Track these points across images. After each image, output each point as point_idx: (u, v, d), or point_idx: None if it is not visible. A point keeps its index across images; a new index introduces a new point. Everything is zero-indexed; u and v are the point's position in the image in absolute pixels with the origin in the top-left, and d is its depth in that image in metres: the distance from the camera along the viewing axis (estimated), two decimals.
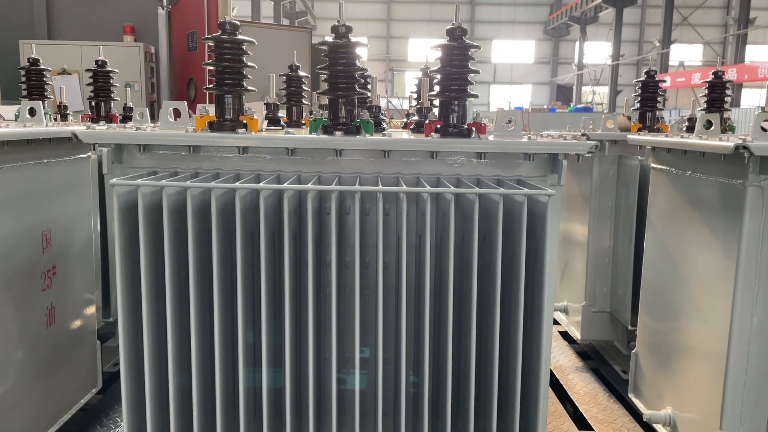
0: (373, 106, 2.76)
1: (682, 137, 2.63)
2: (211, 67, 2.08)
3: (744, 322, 2.20)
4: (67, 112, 3.79)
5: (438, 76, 2.12)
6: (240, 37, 2.07)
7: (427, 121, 2.16)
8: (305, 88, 3.33)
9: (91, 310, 2.93)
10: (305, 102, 3.35)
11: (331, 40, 2.07)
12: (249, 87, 2.11)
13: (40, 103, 2.64)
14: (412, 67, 31.51)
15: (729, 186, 2.23)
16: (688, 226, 2.55)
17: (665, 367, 2.73)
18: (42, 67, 3.42)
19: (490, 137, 2.09)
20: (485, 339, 2.01)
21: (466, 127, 2.09)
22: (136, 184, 1.82)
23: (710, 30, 31.44)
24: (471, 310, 1.94)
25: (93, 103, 3.68)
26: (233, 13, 2.09)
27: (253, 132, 2.10)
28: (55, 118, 3.40)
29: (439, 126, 2.10)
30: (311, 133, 2.14)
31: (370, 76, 2.82)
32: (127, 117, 3.93)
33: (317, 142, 2.05)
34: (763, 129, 2.13)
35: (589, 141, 2.04)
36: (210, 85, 2.11)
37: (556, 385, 3.59)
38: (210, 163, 2.11)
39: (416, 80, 3.15)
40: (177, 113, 2.08)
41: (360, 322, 1.95)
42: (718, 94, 3.58)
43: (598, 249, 3.75)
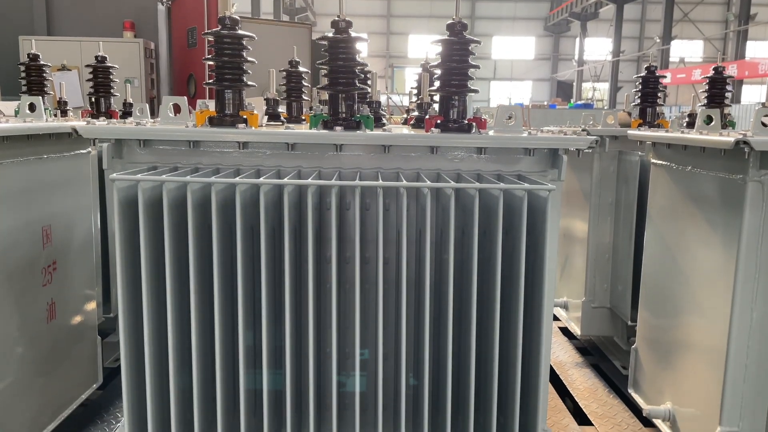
0: (373, 102, 2.76)
1: (682, 133, 2.62)
2: (211, 62, 2.08)
3: (744, 317, 2.20)
4: (67, 108, 3.78)
5: (438, 71, 2.12)
6: (240, 32, 2.06)
7: (427, 117, 2.16)
8: (305, 84, 3.33)
9: (91, 305, 2.93)
10: (305, 98, 3.34)
11: (331, 35, 2.06)
12: (249, 82, 2.11)
13: (40, 98, 2.64)
14: (412, 64, 31.42)
15: (729, 181, 2.23)
16: (688, 221, 2.55)
17: (665, 363, 2.73)
18: (42, 62, 3.40)
19: (491, 132, 2.09)
20: (485, 335, 2.02)
21: (467, 122, 2.09)
22: (137, 179, 1.82)
23: (711, 26, 31.42)
24: (471, 306, 1.94)
25: (93, 99, 3.67)
26: (233, 9, 2.09)
27: (253, 127, 2.10)
28: (54, 114, 3.40)
29: (439, 121, 2.10)
30: (311, 128, 2.14)
31: (370, 71, 2.82)
32: (127, 113, 3.93)
33: (317, 137, 2.05)
34: (764, 124, 2.12)
35: (589, 136, 2.04)
36: (210, 80, 2.11)
37: (556, 380, 3.59)
38: (210, 158, 2.11)
39: (416, 76, 3.14)
40: (177, 109, 2.08)
41: (360, 318, 1.96)
42: (718, 89, 3.57)
43: (598, 245, 3.75)
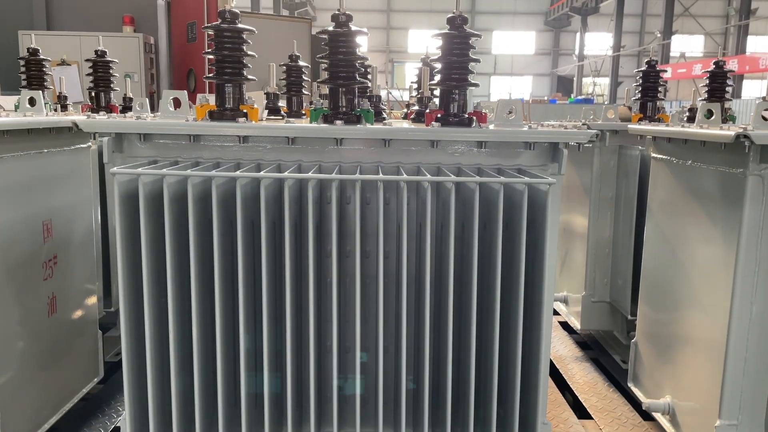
0: (373, 96, 2.75)
1: (682, 127, 2.62)
2: (211, 56, 2.07)
3: (743, 311, 2.21)
4: (67, 102, 3.78)
5: (438, 65, 2.11)
6: (240, 25, 2.06)
7: (427, 111, 2.16)
8: (305, 79, 3.32)
9: (92, 300, 2.94)
10: (305, 92, 3.34)
11: (331, 28, 2.06)
12: (249, 76, 2.11)
13: (40, 93, 2.63)
14: (412, 59, 31.37)
15: (729, 175, 2.23)
16: (688, 215, 2.55)
17: (664, 357, 2.74)
18: (41, 57, 3.40)
19: (491, 126, 2.09)
20: (485, 329, 2.02)
21: (467, 116, 2.09)
22: (137, 172, 1.83)
23: (711, 21, 31.33)
24: (471, 300, 1.94)
25: (93, 94, 3.66)
26: (233, 3, 2.08)
27: (253, 121, 2.10)
28: (54, 108, 3.40)
29: (439, 115, 2.10)
30: (311, 122, 2.14)
31: (370, 65, 2.82)
32: (126, 108, 3.92)
33: (318, 131, 2.05)
34: (764, 118, 2.12)
35: (589, 130, 2.04)
36: (210, 74, 2.10)
37: (555, 374, 3.60)
38: (210, 152, 2.11)
39: (416, 70, 3.14)
40: (177, 103, 2.08)
41: (360, 312, 1.96)
42: (719, 83, 3.57)
43: (598, 239, 3.75)
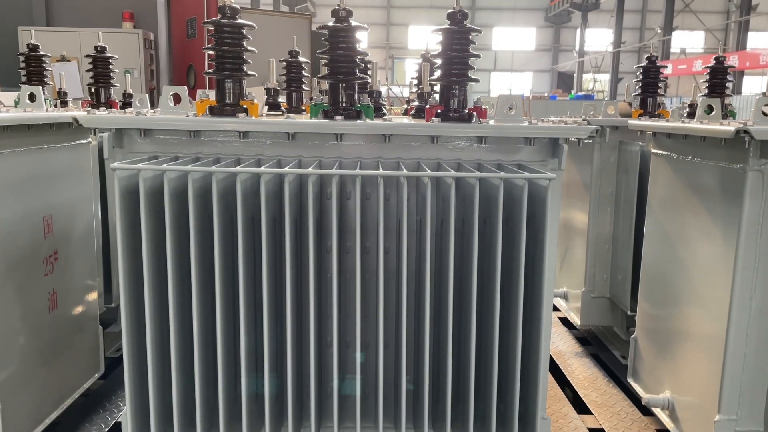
0: (373, 92, 2.75)
1: (683, 122, 2.62)
2: (211, 52, 2.07)
3: (743, 306, 2.21)
4: (67, 98, 3.77)
5: (439, 60, 2.11)
6: (240, 21, 2.06)
7: (427, 106, 2.16)
8: (305, 74, 3.32)
9: (93, 295, 2.94)
10: (305, 88, 3.34)
11: (331, 24, 2.06)
12: (249, 72, 2.11)
13: (40, 88, 2.63)
14: (412, 55, 31.30)
15: (729, 171, 2.23)
16: (688, 211, 2.55)
17: (664, 352, 2.74)
18: (41, 53, 3.39)
19: (491, 122, 2.09)
20: (485, 324, 2.02)
21: (467, 111, 2.09)
22: (137, 168, 1.83)
23: (712, 17, 31.26)
24: (471, 295, 1.95)
25: (93, 90, 3.66)
26: None
27: (253, 117, 2.10)
28: (54, 104, 3.39)
29: (439, 111, 2.09)
30: (312, 117, 2.13)
31: (370, 61, 2.81)
32: (126, 103, 3.92)
33: (318, 126, 2.05)
34: (764, 113, 2.12)
35: (589, 126, 2.04)
36: (210, 70, 2.10)
37: (555, 370, 3.61)
38: (210, 148, 2.11)
39: (416, 66, 3.14)
40: (177, 98, 2.07)
41: (361, 307, 1.96)
42: (719, 79, 3.56)
43: (598, 235, 3.76)
